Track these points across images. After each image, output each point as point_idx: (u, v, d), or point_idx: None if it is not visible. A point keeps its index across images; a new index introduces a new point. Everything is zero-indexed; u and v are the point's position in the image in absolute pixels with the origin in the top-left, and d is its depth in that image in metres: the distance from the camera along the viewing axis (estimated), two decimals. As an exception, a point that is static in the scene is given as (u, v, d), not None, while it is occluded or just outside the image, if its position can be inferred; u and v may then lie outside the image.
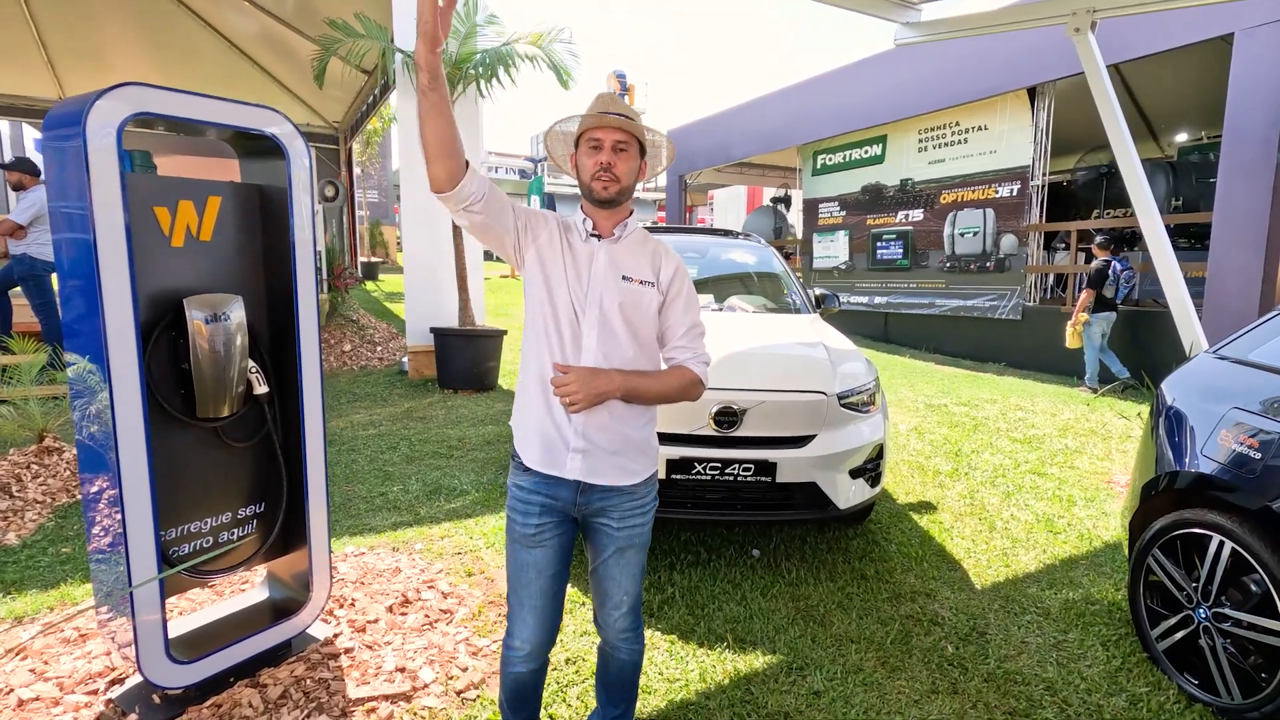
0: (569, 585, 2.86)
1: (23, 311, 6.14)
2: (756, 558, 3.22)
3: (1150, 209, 4.95)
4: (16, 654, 2.32)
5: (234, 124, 2.00)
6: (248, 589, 2.68)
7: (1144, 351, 7.41)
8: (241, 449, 2.25)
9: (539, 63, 6.69)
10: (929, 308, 9.98)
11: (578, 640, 2.51)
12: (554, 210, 1.98)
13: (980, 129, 9.13)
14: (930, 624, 2.73)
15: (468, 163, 1.53)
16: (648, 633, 2.59)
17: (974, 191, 9.28)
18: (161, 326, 2.00)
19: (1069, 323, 7.22)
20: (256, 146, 2.19)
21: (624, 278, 1.64)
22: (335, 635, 2.44)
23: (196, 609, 2.62)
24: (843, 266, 11.43)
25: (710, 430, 2.92)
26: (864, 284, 11.04)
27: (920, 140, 9.96)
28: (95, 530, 2.04)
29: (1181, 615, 2.38)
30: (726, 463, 2.91)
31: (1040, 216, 8.68)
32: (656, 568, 3.08)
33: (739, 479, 2.93)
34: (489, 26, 6.86)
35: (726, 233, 5.23)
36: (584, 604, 2.75)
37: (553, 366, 1.60)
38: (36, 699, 2.06)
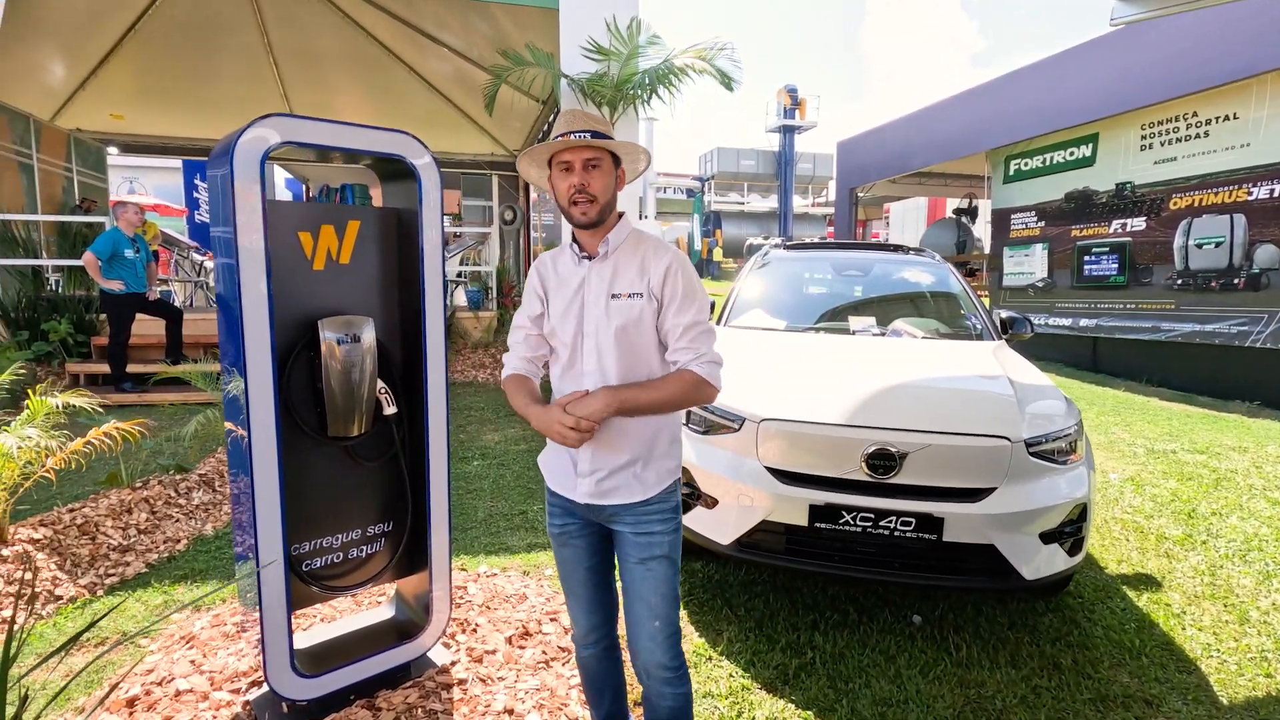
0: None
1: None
2: (917, 625, 2.76)
3: None
4: (187, 642, 2.54)
5: (369, 149, 2.04)
6: (383, 602, 2.75)
7: None
8: (372, 468, 2.28)
9: (697, 74, 6.60)
10: (1152, 332, 8.44)
11: (698, 702, 2.26)
12: (720, 227, 2.03)
13: (1227, 119, 7.58)
14: (1151, 744, 2.13)
15: (535, 380, 1.77)
16: (779, 703, 2.27)
17: (1217, 194, 7.71)
18: (300, 347, 2.07)
19: None
20: (393, 170, 2.23)
21: (613, 296, 1.61)
22: (453, 663, 2.39)
23: (337, 617, 2.73)
24: (1039, 284, 10.06)
25: (863, 475, 2.54)
26: (1066, 304, 9.63)
27: (1143, 136, 8.51)
28: (238, 534, 2.16)
29: None
30: (881, 514, 2.51)
31: (1313, 222, 6.99)
32: (797, 625, 2.73)
33: (896, 534, 2.51)
34: (650, 47, 6.89)
35: (895, 248, 4.72)
36: (710, 659, 2.48)
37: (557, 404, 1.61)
38: (190, 690, 2.21)
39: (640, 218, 27.59)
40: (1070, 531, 2.59)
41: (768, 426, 2.67)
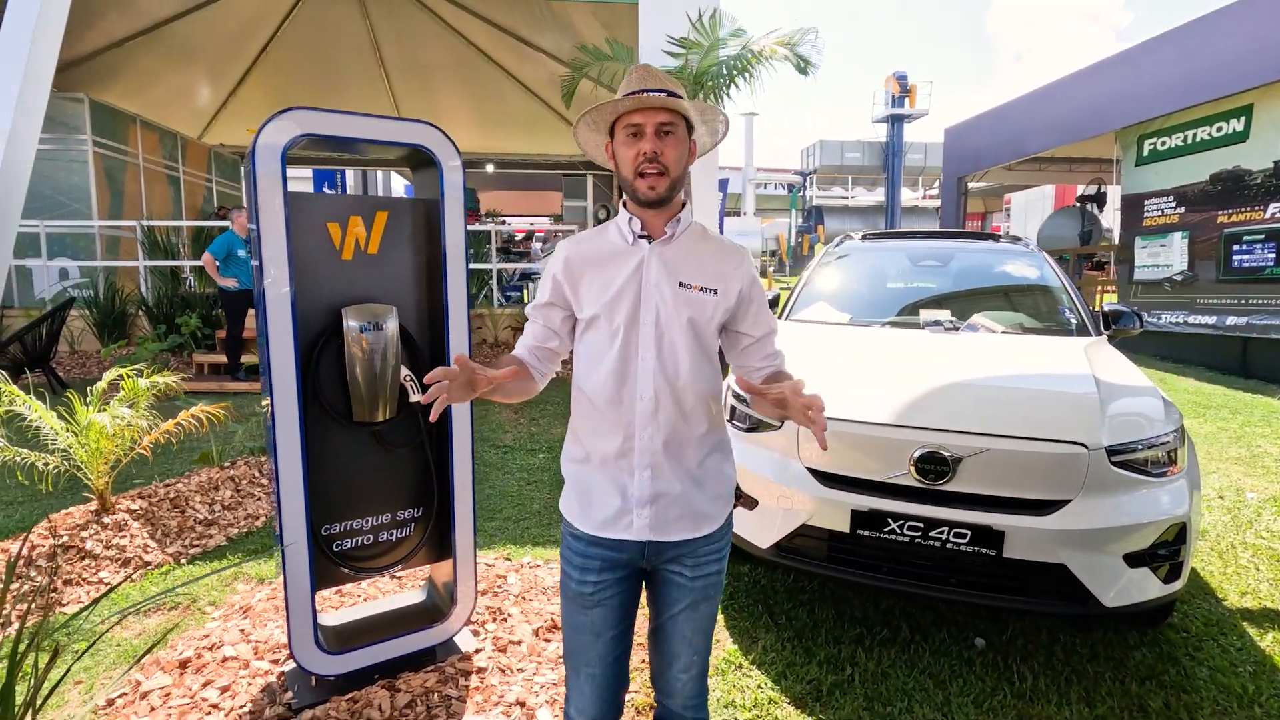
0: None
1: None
2: (979, 649, 2.49)
3: None
4: (244, 612, 2.71)
5: (387, 139, 2.07)
6: (422, 584, 2.81)
7: None
8: (400, 454, 2.33)
9: (780, 61, 6.37)
10: (1319, 332, 7.31)
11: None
12: (821, 223, 1.76)
13: None
14: (1252, 811, 1.80)
15: (534, 370, 1.49)
16: (806, 722, 2.12)
17: (1406, 169, 6.56)
18: (327, 334, 2.14)
19: None
20: (420, 160, 2.26)
21: (681, 284, 1.39)
22: (477, 650, 2.41)
23: (379, 597, 2.82)
24: (1178, 277, 8.97)
25: (911, 480, 2.32)
26: (1211, 300, 8.52)
27: (1310, 106, 7.38)
28: (275, 513, 2.26)
29: None
30: (932, 523, 2.28)
31: None
32: (840, 639, 2.54)
33: (949, 546, 2.27)
34: (733, 39, 6.72)
35: (985, 236, 4.33)
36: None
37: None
38: (235, 658, 2.35)
39: (739, 214, 27.14)
40: (1165, 554, 2.24)
41: (809, 424, 2.50)
